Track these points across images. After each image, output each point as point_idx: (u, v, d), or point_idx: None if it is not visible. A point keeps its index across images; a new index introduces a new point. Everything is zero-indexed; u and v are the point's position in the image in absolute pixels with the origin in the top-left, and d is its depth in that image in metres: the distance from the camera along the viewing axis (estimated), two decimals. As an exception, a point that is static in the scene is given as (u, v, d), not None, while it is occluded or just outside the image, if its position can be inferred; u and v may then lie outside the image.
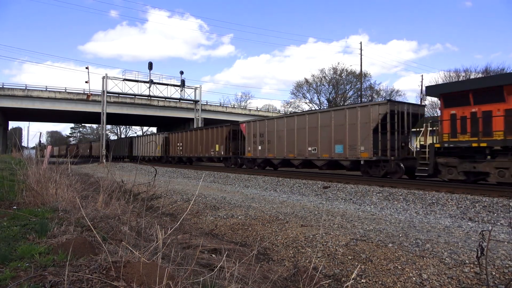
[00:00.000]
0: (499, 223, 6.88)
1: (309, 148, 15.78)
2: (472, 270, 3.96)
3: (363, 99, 44.95)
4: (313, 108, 53.08)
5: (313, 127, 15.63)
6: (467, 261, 4.13)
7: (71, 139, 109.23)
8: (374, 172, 13.52)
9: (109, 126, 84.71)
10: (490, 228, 4.40)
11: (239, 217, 7.38)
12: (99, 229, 4.22)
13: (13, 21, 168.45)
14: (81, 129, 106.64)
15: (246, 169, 21.98)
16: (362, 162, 13.61)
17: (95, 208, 5.43)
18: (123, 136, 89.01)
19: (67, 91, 44.80)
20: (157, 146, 31.79)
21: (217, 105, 55.09)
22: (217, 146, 23.25)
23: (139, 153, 35.51)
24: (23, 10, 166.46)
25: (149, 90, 35.56)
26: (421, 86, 48.79)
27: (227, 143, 22.39)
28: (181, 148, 28.20)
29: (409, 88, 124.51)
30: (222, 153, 22.73)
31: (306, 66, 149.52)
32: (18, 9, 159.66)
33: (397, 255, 4.59)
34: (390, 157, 12.90)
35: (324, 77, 54.28)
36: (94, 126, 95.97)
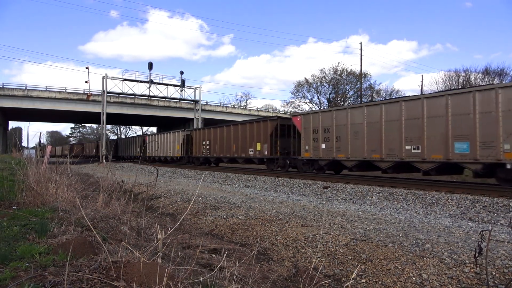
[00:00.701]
0: (499, 223, 6.88)
1: (407, 147, 11.79)
2: (472, 270, 3.96)
3: (363, 99, 44.93)
4: (313, 109, 53.13)
5: (414, 118, 11.68)
6: (467, 261, 4.13)
7: (71, 139, 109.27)
8: None
9: (109, 126, 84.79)
10: (490, 228, 4.40)
11: (239, 217, 7.38)
12: (99, 229, 4.22)
13: (13, 21, 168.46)
14: (81, 129, 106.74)
15: (248, 169, 21.59)
16: (508, 166, 9.58)
17: (95, 208, 5.43)
18: (123, 136, 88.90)
19: (67, 91, 44.81)
20: (176, 145, 28.48)
21: (217, 105, 55.13)
22: (258, 144, 19.09)
23: (155, 153, 32.34)
24: (23, 10, 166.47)
25: (149, 90, 35.57)
26: (421, 86, 48.85)
27: (273, 140, 18.21)
28: (208, 147, 24.33)
29: (409, 88, 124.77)
30: (266, 153, 18.56)
31: (306, 66, 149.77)
32: (18, 9, 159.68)
33: (397, 255, 4.59)
34: None
35: (324, 77, 54.43)
36: (94, 126, 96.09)
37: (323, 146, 15.12)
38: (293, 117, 17.26)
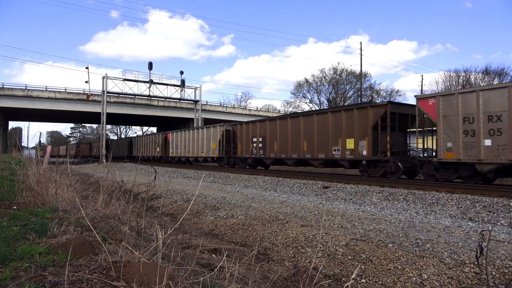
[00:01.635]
0: (499, 223, 6.88)
1: None
2: (472, 270, 3.96)
3: (363, 99, 44.92)
4: (313, 109, 53.10)
5: None
6: (467, 261, 4.13)
7: (71, 139, 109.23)
8: None
9: (109, 126, 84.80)
10: (490, 228, 4.40)
11: (239, 217, 7.38)
12: (99, 229, 4.22)
13: (13, 21, 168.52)
14: (81, 129, 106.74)
15: (246, 169, 20.76)
16: None
17: (95, 208, 5.43)
18: (123, 136, 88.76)
19: (67, 91, 44.84)
20: (212, 144, 24.40)
21: (217, 105, 55.19)
22: (349, 141, 14.17)
23: (181, 153, 28.29)
24: (23, 10, 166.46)
25: (149, 90, 35.60)
26: (421, 86, 48.83)
27: (377, 135, 13.17)
28: (260, 145, 19.55)
29: (409, 88, 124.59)
30: (364, 152, 13.50)
31: (306, 66, 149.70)
32: (18, 9, 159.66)
33: (397, 255, 4.59)
34: None
35: (324, 77, 54.47)
36: (94, 126, 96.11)
37: (486, 142, 10.28)
38: (421, 101, 11.99)
